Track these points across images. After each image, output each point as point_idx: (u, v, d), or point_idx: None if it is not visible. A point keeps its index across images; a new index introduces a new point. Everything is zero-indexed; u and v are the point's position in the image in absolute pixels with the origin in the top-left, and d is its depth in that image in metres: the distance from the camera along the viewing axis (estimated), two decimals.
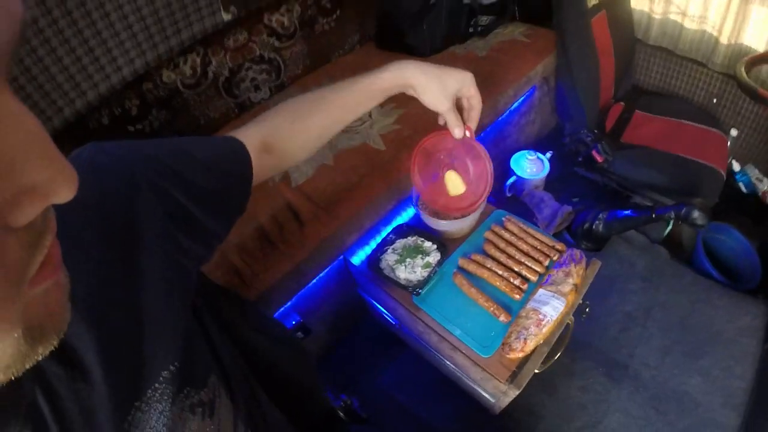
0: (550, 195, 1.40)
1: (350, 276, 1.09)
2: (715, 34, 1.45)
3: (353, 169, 1.06)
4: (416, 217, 1.07)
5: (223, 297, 0.63)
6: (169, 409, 0.42)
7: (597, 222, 1.29)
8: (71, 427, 0.35)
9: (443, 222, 0.98)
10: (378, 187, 1.05)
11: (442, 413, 1.17)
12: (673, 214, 1.13)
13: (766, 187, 1.60)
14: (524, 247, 0.99)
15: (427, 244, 1.00)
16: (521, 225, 1.04)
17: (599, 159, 1.40)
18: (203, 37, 1.11)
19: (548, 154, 1.48)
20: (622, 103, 1.55)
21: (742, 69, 1.18)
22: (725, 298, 1.27)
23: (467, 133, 0.78)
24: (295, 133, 0.67)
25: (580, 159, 1.47)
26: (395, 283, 0.95)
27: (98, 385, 0.37)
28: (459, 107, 0.77)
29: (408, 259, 0.97)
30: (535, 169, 1.43)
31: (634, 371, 1.19)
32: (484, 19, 1.48)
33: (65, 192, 0.22)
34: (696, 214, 1.09)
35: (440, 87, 0.72)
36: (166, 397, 0.41)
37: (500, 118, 1.36)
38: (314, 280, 1.04)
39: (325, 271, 1.05)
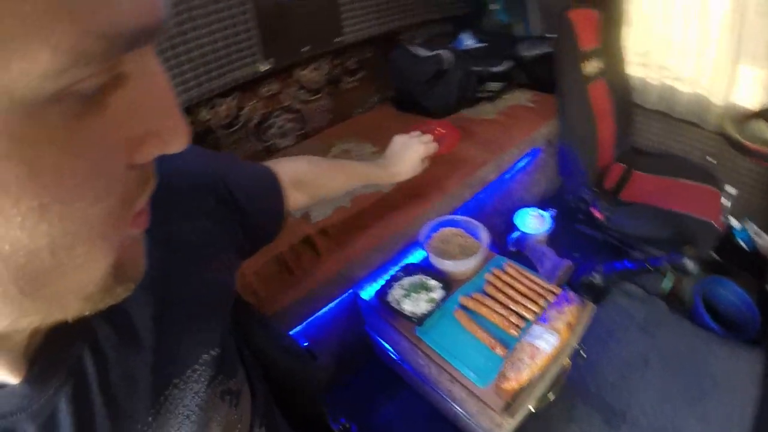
0: (551, 249, 1.49)
1: (359, 313, 1.18)
2: (706, 95, 1.52)
3: (367, 212, 1.18)
4: (424, 259, 1.17)
5: (242, 305, 0.65)
6: (204, 391, 0.43)
7: (595, 274, 1.37)
8: (111, 392, 0.35)
9: (448, 262, 1.08)
10: (389, 229, 1.16)
11: None
12: (666, 263, 1.20)
13: (764, 242, 1.59)
14: (522, 288, 1.08)
15: (432, 282, 1.09)
16: (520, 269, 1.13)
17: (599, 215, 1.49)
18: (240, 83, 1.25)
19: (551, 212, 1.58)
20: (623, 165, 1.66)
21: (730, 125, 1.26)
22: (724, 347, 1.31)
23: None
24: (325, 179, 0.80)
25: (581, 216, 1.56)
26: (400, 313, 1.04)
27: (146, 354, 0.38)
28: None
29: (413, 294, 1.06)
30: (537, 225, 1.53)
31: (632, 418, 1.22)
32: (493, 86, 1.65)
33: (179, 142, 0.26)
34: (687, 261, 1.16)
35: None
36: (203, 380, 0.43)
37: (506, 175, 1.48)
38: (324, 309, 1.12)
39: (336, 302, 1.14)
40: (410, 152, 0.99)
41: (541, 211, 1.53)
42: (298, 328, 1.08)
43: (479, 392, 0.94)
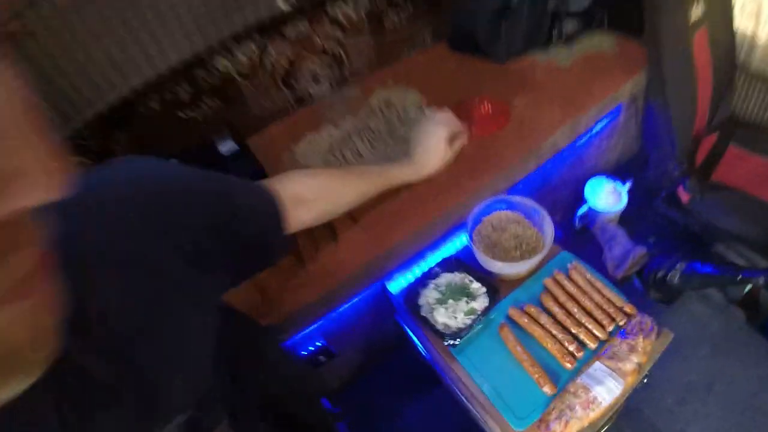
0: (623, 231, 1.25)
1: (388, 300, 1.01)
2: None
3: (405, 190, 0.96)
4: (468, 250, 0.97)
5: (237, 324, 0.62)
6: None
7: (673, 272, 1.14)
8: None
9: (499, 264, 0.87)
10: (429, 212, 0.95)
11: None
12: (762, 280, 0.97)
13: None
14: (588, 304, 0.87)
15: (476, 285, 0.89)
16: (588, 276, 0.92)
17: (685, 198, 1.23)
18: (260, 25, 1.02)
19: (627, 185, 1.32)
20: (715, 135, 1.35)
21: None
22: None
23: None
24: (331, 193, 0.74)
25: (662, 194, 1.30)
26: (431, 327, 0.86)
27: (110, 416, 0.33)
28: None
29: (450, 300, 0.87)
30: (611, 201, 1.28)
31: None
32: (570, 26, 1.31)
33: (38, 191, 0.19)
34: None
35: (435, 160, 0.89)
36: None
37: (579, 141, 1.21)
38: (346, 306, 0.96)
39: (360, 296, 0.97)
40: (433, 140, 0.89)
41: (617, 184, 1.28)
42: (312, 327, 0.93)
43: None
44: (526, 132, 1.08)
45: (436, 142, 0.88)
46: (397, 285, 0.98)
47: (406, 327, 1.02)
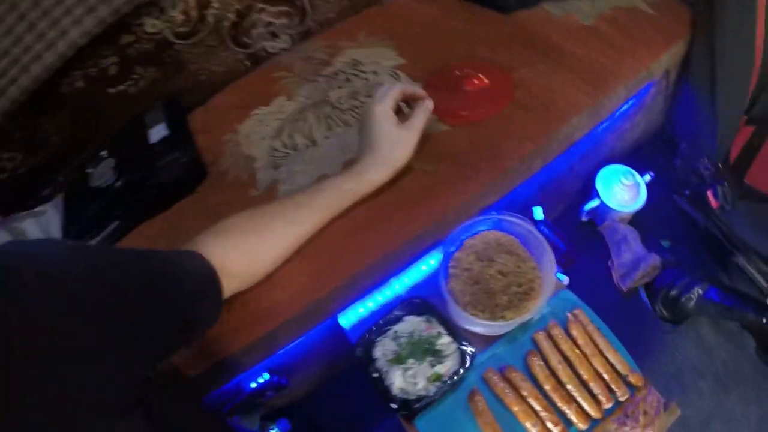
0: (636, 234, 1.05)
1: (343, 335, 0.82)
2: None
3: (362, 202, 0.73)
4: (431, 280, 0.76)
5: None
6: None
7: (688, 296, 0.96)
8: None
9: (481, 323, 0.67)
10: (393, 232, 0.72)
11: None
12: None
13: None
14: (586, 372, 0.68)
15: (445, 339, 0.69)
16: (590, 328, 0.72)
17: (714, 204, 1.01)
18: None
19: (647, 177, 1.09)
20: (752, 127, 1.10)
21: None
22: None
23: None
24: (261, 249, 0.64)
25: (687, 192, 1.08)
26: (384, 392, 0.67)
27: None
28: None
29: (411, 360, 0.68)
30: (627, 198, 1.05)
31: None
32: None
33: None
34: None
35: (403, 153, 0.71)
36: None
37: (600, 127, 0.95)
38: (288, 345, 0.77)
39: (305, 335, 0.77)
40: (385, 126, 0.69)
41: (636, 176, 1.05)
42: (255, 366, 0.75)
43: None
44: (531, 118, 0.82)
45: (388, 128, 0.69)
46: (351, 319, 0.78)
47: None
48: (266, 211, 0.66)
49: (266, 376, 0.82)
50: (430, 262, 0.79)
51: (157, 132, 0.83)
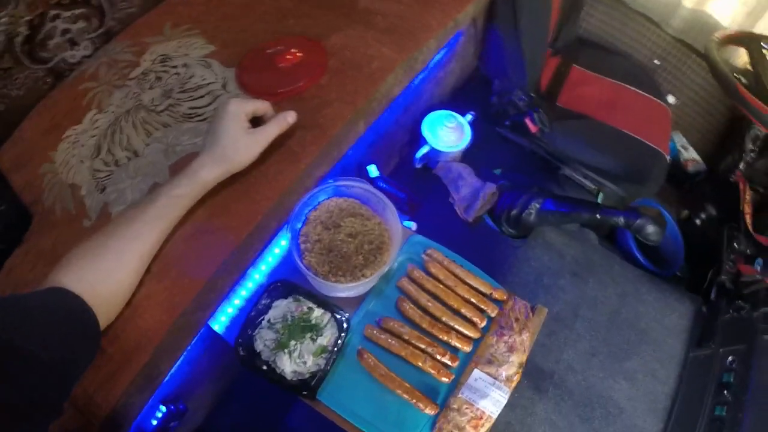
0: (470, 169, 1.13)
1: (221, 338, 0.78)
2: None
3: (198, 202, 0.70)
4: (290, 261, 0.76)
5: None
6: None
7: (528, 211, 1.06)
8: None
9: (341, 287, 0.68)
10: (235, 227, 0.70)
11: None
12: (622, 221, 0.93)
13: (689, 156, 1.53)
14: (455, 302, 0.74)
15: (317, 312, 0.70)
16: (448, 264, 0.77)
17: (533, 129, 1.14)
18: None
19: (469, 117, 1.18)
20: (558, 57, 1.26)
21: (716, 51, 0.94)
22: (654, 291, 1.16)
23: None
24: (112, 270, 0.59)
25: (507, 122, 1.20)
26: (278, 381, 0.66)
27: None
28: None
29: (292, 342, 0.67)
30: (454, 139, 1.13)
31: (560, 378, 1.07)
32: None
33: None
34: (650, 229, 0.90)
35: (240, 155, 0.67)
36: None
37: (415, 81, 1.01)
38: (172, 369, 0.72)
39: (184, 352, 0.73)
40: (232, 131, 0.66)
41: (458, 118, 1.13)
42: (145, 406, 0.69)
43: None
44: (349, 83, 0.84)
45: (236, 129, 0.66)
46: (223, 322, 0.75)
47: None
48: (104, 233, 0.61)
49: (162, 408, 0.77)
50: (282, 243, 0.79)
51: None
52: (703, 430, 0.96)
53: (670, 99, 1.45)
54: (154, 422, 0.76)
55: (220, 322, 0.75)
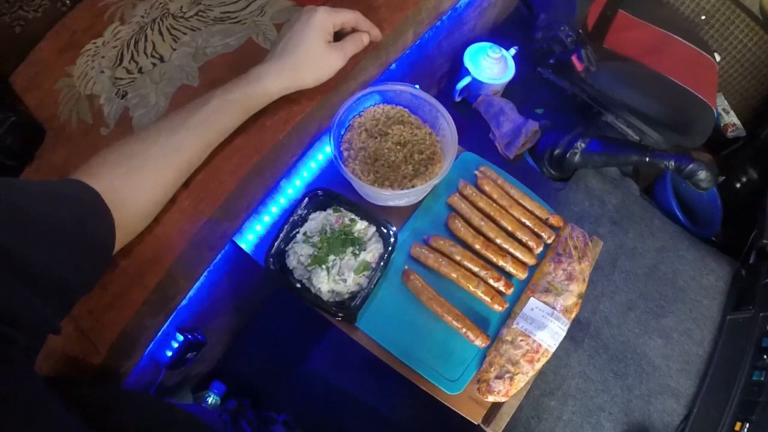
0: (512, 105, 1.05)
1: (248, 258, 0.71)
2: None
3: None
4: (329, 173, 0.69)
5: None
6: None
7: (573, 150, 0.99)
8: None
9: (388, 193, 0.61)
10: (277, 127, 0.63)
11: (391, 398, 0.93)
12: (673, 164, 0.86)
13: (729, 120, 1.45)
14: (509, 224, 0.66)
15: (361, 224, 0.62)
16: (502, 183, 0.70)
17: (579, 67, 1.05)
18: None
19: (512, 51, 1.10)
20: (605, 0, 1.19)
21: None
22: (692, 250, 1.10)
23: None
24: (144, 177, 0.52)
25: (551, 61, 1.11)
26: (313, 299, 0.59)
27: None
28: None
29: (332, 258, 0.60)
30: (497, 71, 1.05)
31: (596, 330, 1.02)
32: None
33: None
34: (703, 174, 0.83)
35: (313, 66, 0.60)
36: None
37: (461, 2, 0.92)
38: (191, 291, 0.65)
39: (207, 270, 0.66)
40: (313, 45, 0.59)
41: (502, 51, 1.04)
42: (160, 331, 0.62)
43: (450, 399, 0.60)
44: None
45: (318, 40, 0.59)
46: (250, 239, 0.67)
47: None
48: (142, 139, 0.53)
49: (179, 337, 0.70)
50: (318, 158, 0.71)
51: None
52: (739, 395, 0.91)
53: (716, 57, 1.37)
54: (169, 353, 0.69)
55: (247, 241, 0.67)
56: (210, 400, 0.87)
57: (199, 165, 0.58)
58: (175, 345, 0.70)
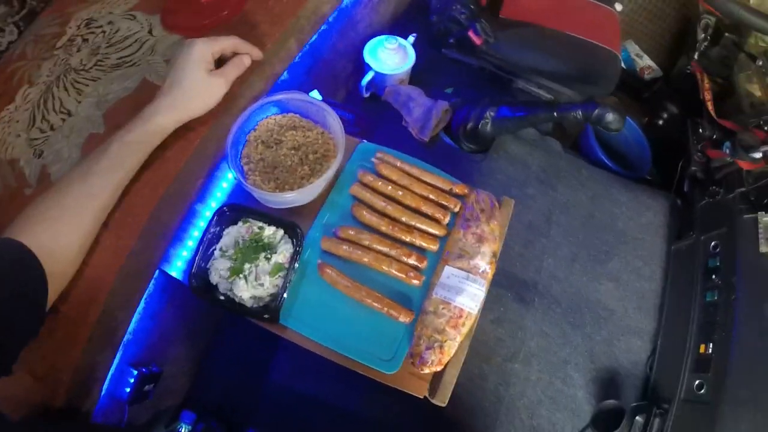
0: (419, 90, 1.08)
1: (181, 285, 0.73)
2: None
3: None
4: (240, 189, 0.71)
5: None
6: None
7: (484, 121, 1.02)
8: None
9: (290, 196, 0.63)
10: (177, 156, 0.65)
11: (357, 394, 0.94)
12: (580, 114, 0.89)
13: (644, 63, 1.51)
14: (412, 201, 0.69)
15: (269, 230, 0.65)
16: (400, 164, 0.73)
17: (478, 41, 1.09)
18: None
19: (411, 38, 1.14)
20: None
21: None
22: (624, 192, 1.13)
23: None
24: (63, 229, 0.56)
25: (451, 41, 1.15)
26: (240, 311, 0.61)
27: None
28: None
29: (247, 266, 0.62)
30: (397, 61, 1.08)
31: (544, 287, 1.04)
32: None
33: None
34: (610, 117, 0.86)
35: (199, 92, 0.63)
36: None
37: (345, 2, 0.95)
38: (132, 323, 0.67)
39: (142, 301, 0.68)
40: (193, 73, 0.62)
41: (399, 40, 1.08)
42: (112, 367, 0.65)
43: (391, 379, 0.63)
44: (274, 4, 0.79)
45: (199, 71, 0.62)
46: (179, 266, 0.69)
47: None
48: (58, 191, 0.57)
49: (134, 371, 0.72)
50: (229, 177, 0.74)
51: None
52: (697, 319, 0.93)
53: (618, 7, 1.42)
54: (128, 389, 0.71)
55: (176, 268, 0.69)
56: (182, 430, 0.88)
57: (114, 204, 0.61)
58: (131, 380, 0.72)
